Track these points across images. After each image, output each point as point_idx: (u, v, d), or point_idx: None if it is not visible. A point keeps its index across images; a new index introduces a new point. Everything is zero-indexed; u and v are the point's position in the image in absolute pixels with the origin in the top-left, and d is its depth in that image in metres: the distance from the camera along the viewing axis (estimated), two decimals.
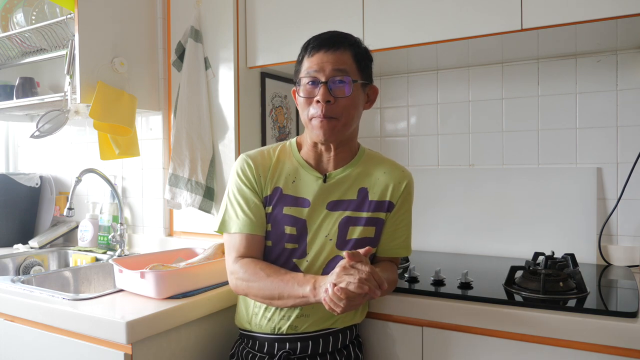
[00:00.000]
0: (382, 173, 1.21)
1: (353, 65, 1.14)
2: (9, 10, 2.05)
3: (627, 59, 1.58)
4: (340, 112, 1.13)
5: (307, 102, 1.15)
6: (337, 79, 1.12)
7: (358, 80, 1.14)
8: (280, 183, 1.20)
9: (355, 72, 1.14)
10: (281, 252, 1.17)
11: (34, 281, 1.58)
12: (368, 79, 1.19)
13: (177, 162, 1.79)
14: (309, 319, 1.13)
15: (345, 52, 1.13)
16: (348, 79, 1.12)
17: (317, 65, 1.12)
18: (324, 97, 1.11)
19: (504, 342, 1.13)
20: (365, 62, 1.18)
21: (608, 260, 1.59)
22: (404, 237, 1.24)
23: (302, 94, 1.15)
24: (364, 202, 1.18)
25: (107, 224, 2.03)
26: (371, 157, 1.25)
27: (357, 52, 1.16)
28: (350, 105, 1.14)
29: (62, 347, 1.21)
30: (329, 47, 1.13)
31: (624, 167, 1.59)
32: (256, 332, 1.18)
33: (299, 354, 1.14)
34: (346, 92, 1.12)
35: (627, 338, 1.01)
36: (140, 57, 1.86)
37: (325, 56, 1.12)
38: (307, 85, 1.14)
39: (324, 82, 1.11)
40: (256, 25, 1.77)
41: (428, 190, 1.83)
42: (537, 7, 1.33)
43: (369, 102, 1.22)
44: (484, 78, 1.80)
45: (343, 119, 1.14)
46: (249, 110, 1.82)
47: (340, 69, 1.12)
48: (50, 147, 2.36)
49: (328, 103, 1.11)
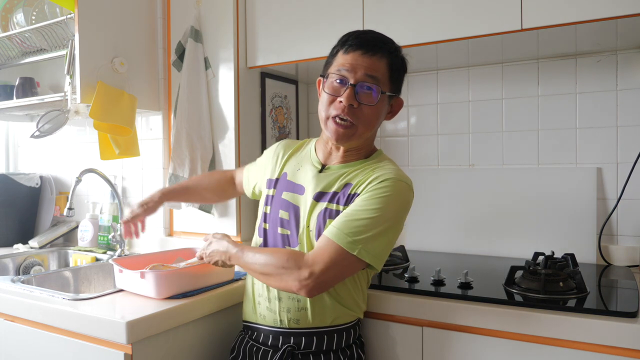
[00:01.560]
0: (375, 174, 1.13)
1: (386, 74, 1.12)
2: (9, 10, 2.05)
3: (627, 59, 1.58)
4: (360, 118, 1.11)
5: (330, 100, 1.13)
6: (366, 84, 1.10)
7: (386, 92, 1.13)
8: (289, 169, 1.25)
9: (387, 82, 1.13)
10: (276, 237, 1.20)
11: (34, 281, 1.58)
12: (396, 91, 1.17)
13: (177, 162, 1.79)
14: (307, 312, 1.13)
15: (382, 58, 1.11)
16: (377, 87, 1.10)
17: (350, 65, 1.10)
18: (348, 100, 1.09)
19: (504, 342, 1.13)
20: (399, 74, 1.16)
21: (608, 260, 1.59)
22: (340, 219, 1.07)
23: (328, 90, 1.13)
24: (344, 195, 1.13)
25: (107, 224, 2.03)
26: (378, 160, 1.20)
27: (394, 62, 1.13)
28: (372, 114, 1.12)
29: (62, 347, 1.21)
30: (367, 49, 1.10)
31: (624, 167, 1.59)
32: (260, 324, 1.19)
33: (303, 349, 1.14)
34: (372, 100, 1.10)
35: (627, 338, 1.01)
36: (140, 57, 1.86)
37: (361, 58, 1.10)
38: (335, 82, 1.12)
39: (352, 85, 1.09)
40: (256, 25, 1.77)
41: (428, 190, 1.83)
42: (537, 7, 1.33)
43: (391, 114, 1.20)
44: (484, 78, 1.80)
45: (361, 126, 1.12)
46: (249, 110, 1.82)
47: (373, 75, 1.10)
48: (50, 147, 2.36)
49: (351, 107, 1.10)
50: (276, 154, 1.31)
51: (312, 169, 1.21)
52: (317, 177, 1.18)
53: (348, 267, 1.05)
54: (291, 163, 1.27)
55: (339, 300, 1.15)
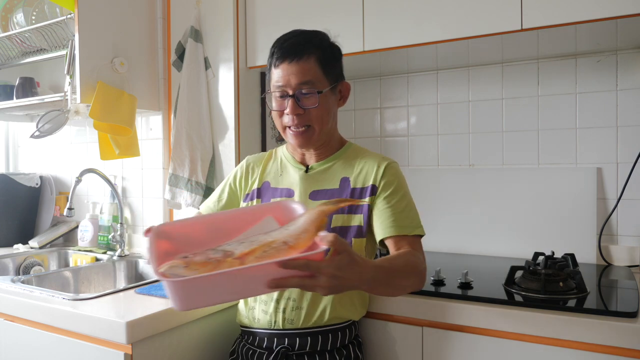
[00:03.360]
0: (364, 163, 1.21)
1: (318, 71, 1.14)
2: (9, 10, 2.05)
3: (627, 59, 1.58)
4: (312, 120, 1.15)
5: (278, 114, 1.17)
6: (302, 90, 1.13)
7: (324, 90, 1.15)
8: (270, 177, 1.27)
9: (322, 78, 1.15)
10: None
11: (34, 281, 1.58)
12: (336, 79, 1.19)
13: (177, 162, 1.79)
14: (302, 311, 1.13)
15: (309, 58, 1.13)
16: (314, 90, 1.13)
17: (282, 78, 1.13)
18: (293, 111, 1.13)
19: (504, 342, 1.13)
20: (332, 63, 1.18)
21: (608, 260, 1.59)
22: (395, 216, 1.13)
23: (274, 106, 1.18)
24: (346, 190, 1.19)
25: (107, 224, 2.03)
26: (355, 151, 1.26)
27: (322, 55, 1.15)
28: (321, 113, 1.15)
29: (62, 347, 1.21)
30: (292, 57, 1.12)
31: (624, 167, 1.59)
32: (255, 328, 1.18)
33: (297, 350, 1.14)
34: (314, 102, 1.14)
35: (627, 338, 1.01)
36: (140, 57, 1.86)
37: (290, 67, 1.12)
38: (277, 97, 1.16)
39: (292, 96, 1.13)
40: (256, 25, 1.77)
41: (428, 191, 1.83)
42: (537, 7, 1.33)
43: (342, 99, 1.23)
44: (484, 78, 1.80)
45: (317, 125, 1.16)
46: (249, 110, 1.82)
47: (305, 81, 1.12)
48: (50, 147, 2.36)
49: (299, 115, 1.14)
50: (247, 169, 1.31)
51: (297, 171, 1.24)
52: (306, 178, 1.22)
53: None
54: (270, 171, 1.28)
55: (335, 300, 1.14)
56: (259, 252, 0.81)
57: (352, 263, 0.87)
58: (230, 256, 0.80)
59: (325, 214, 0.91)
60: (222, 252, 0.81)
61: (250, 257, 0.81)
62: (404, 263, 1.03)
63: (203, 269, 0.78)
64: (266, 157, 1.32)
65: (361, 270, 0.89)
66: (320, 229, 0.88)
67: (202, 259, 0.79)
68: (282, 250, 0.83)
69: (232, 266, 0.79)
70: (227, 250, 0.81)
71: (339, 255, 0.85)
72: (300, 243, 0.85)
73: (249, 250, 0.81)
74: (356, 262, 0.88)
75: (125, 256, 1.87)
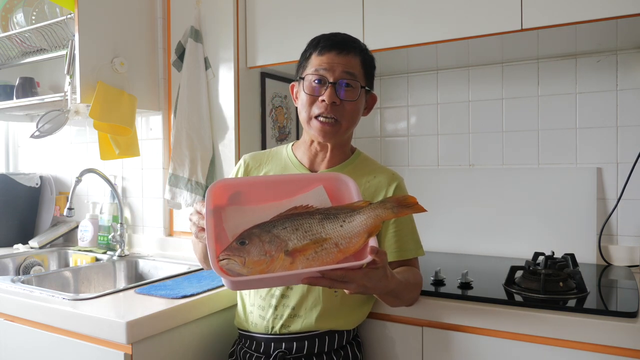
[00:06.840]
0: (373, 177, 1.21)
1: (361, 70, 1.16)
2: (9, 10, 2.05)
3: (627, 59, 1.58)
4: (344, 115, 1.14)
5: (310, 100, 1.14)
6: (345, 81, 1.12)
7: (365, 86, 1.16)
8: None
9: (363, 78, 1.16)
10: None
11: (34, 281, 1.58)
12: (371, 87, 1.21)
13: (177, 162, 1.79)
14: (300, 319, 1.13)
15: (355, 56, 1.15)
16: (357, 83, 1.14)
17: (327, 64, 1.12)
18: (330, 98, 1.11)
19: (504, 342, 1.13)
20: (371, 70, 1.20)
21: (608, 260, 1.59)
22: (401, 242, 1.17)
23: (307, 91, 1.15)
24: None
25: (107, 224, 2.03)
26: (364, 161, 1.26)
27: (365, 59, 1.18)
28: (354, 109, 1.15)
29: (62, 347, 1.21)
30: (341, 49, 1.13)
31: (624, 167, 1.59)
32: (253, 332, 1.18)
33: (294, 354, 1.14)
34: (354, 95, 1.14)
35: (627, 338, 1.01)
36: (140, 57, 1.86)
37: (337, 57, 1.13)
38: (314, 83, 1.14)
39: (332, 83, 1.12)
40: (256, 25, 1.77)
41: (428, 190, 1.83)
42: (537, 7, 1.33)
43: (367, 109, 1.24)
44: (484, 78, 1.80)
45: (345, 122, 1.15)
46: (249, 110, 1.82)
47: (351, 72, 1.13)
48: (50, 147, 2.36)
49: (334, 105, 1.12)
50: (247, 169, 1.26)
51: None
52: None
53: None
54: (272, 170, 1.24)
55: (334, 309, 1.14)
56: (310, 253, 0.87)
57: (384, 277, 0.94)
58: (284, 249, 0.86)
59: (382, 220, 0.92)
60: (276, 243, 0.86)
61: (301, 257, 0.87)
62: (414, 281, 1.14)
63: (258, 267, 0.85)
64: (266, 154, 1.29)
65: (387, 284, 0.96)
66: (373, 234, 0.90)
67: (256, 256, 0.85)
68: (332, 253, 0.88)
69: (284, 265, 0.86)
70: (280, 239, 0.87)
71: (377, 269, 0.90)
72: (350, 248, 0.90)
73: (301, 246, 0.87)
74: (387, 276, 0.95)
75: (125, 256, 1.87)
